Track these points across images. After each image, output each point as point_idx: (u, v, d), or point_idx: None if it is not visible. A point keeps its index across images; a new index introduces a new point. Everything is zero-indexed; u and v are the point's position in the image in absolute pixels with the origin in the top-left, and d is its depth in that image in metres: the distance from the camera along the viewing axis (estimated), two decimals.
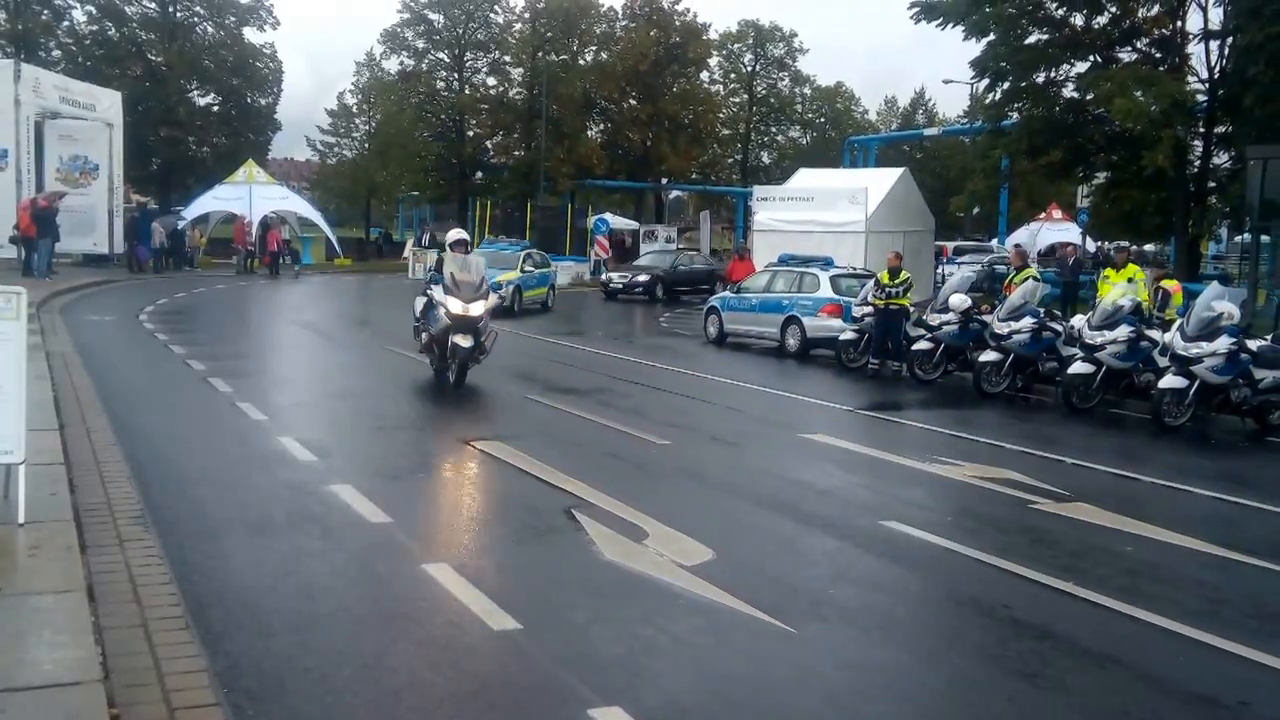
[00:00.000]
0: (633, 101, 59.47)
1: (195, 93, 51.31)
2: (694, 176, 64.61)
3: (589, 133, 59.13)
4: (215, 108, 52.08)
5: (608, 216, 49.90)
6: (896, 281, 16.85)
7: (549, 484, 8.49)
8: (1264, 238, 23.33)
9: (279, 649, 5.02)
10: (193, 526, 6.88)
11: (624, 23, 60.46)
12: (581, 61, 59.30)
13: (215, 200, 41.83)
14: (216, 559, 6.28)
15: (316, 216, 45.70)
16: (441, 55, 59.55)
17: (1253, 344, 12.38)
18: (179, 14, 50.96)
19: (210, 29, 52.06)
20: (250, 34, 51.92)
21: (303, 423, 10.99)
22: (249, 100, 52.31)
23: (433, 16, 58.31)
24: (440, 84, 59.79)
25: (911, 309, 17.06)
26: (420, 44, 59.00)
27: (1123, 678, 5.30)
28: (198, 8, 51.20)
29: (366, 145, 53.89)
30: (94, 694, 4.09)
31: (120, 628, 4.88)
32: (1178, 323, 12.62)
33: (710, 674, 5.06)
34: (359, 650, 5.09)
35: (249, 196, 40.09)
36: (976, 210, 40.05)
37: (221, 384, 12.76)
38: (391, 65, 58.70)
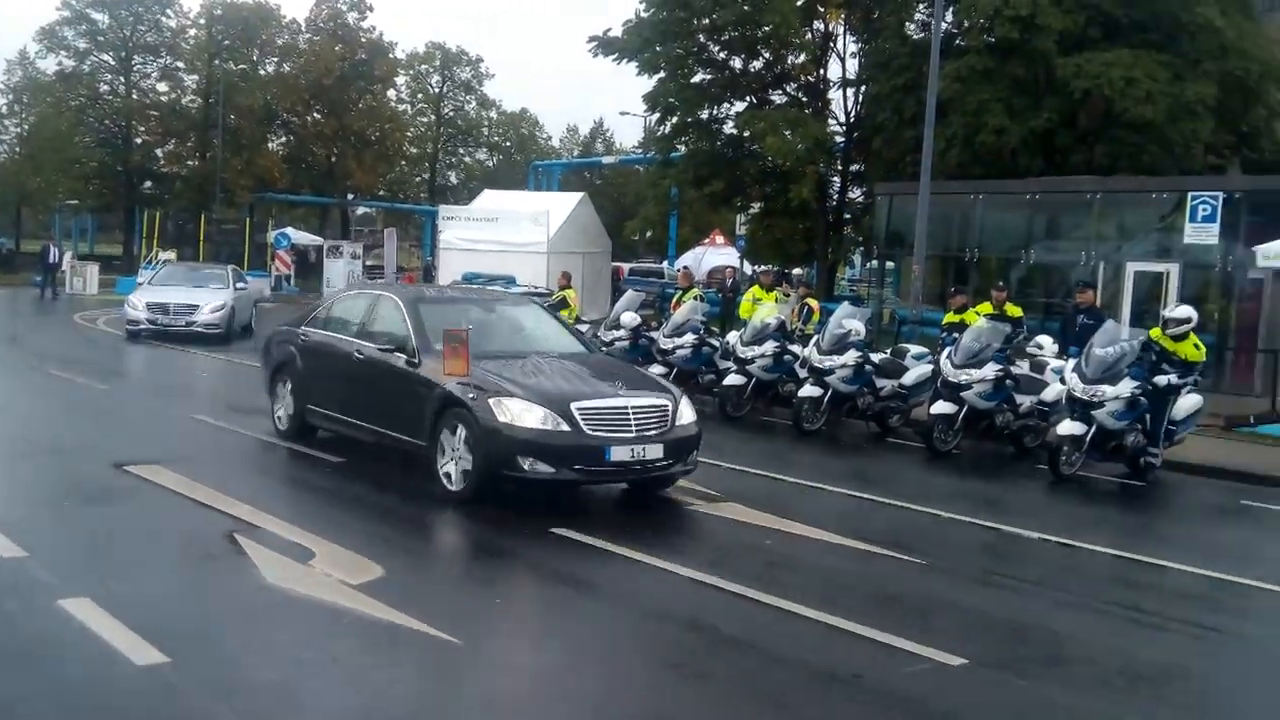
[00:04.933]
0: (317, 115, 57.75)
1: None
2: (381, 193, 63.65)
3: (270, 145, 56.87)
4: None
5: (290, 231, 48.19)
6: (552, 301, 17.47)
7: (211, 508, 8.15)
8: (889, 264, 27.05)
9: None
10: None
11: (307, 35, 58.55)
12: (262, 71, 56.86)
13: None
14: None
15: None
16: (106, 57, 55.22)
17: (876, 357, 13.86)
18: None
19: None
20: None
21: None
22: None
23: (96, 16, 54.01)
24: (104, 87, 55.48)
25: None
26: (82, 44, 54.41)
27: (758, 661, 5.79)
28: None
29: (18, 149, 49.46)
30: None
31: None
32: (815, 338, 13.88)
33: (369, 692, 5.07)
34: None
35: None
36: (649, 234, 42.56)
37: None
38: (49, 65, 54.04)
